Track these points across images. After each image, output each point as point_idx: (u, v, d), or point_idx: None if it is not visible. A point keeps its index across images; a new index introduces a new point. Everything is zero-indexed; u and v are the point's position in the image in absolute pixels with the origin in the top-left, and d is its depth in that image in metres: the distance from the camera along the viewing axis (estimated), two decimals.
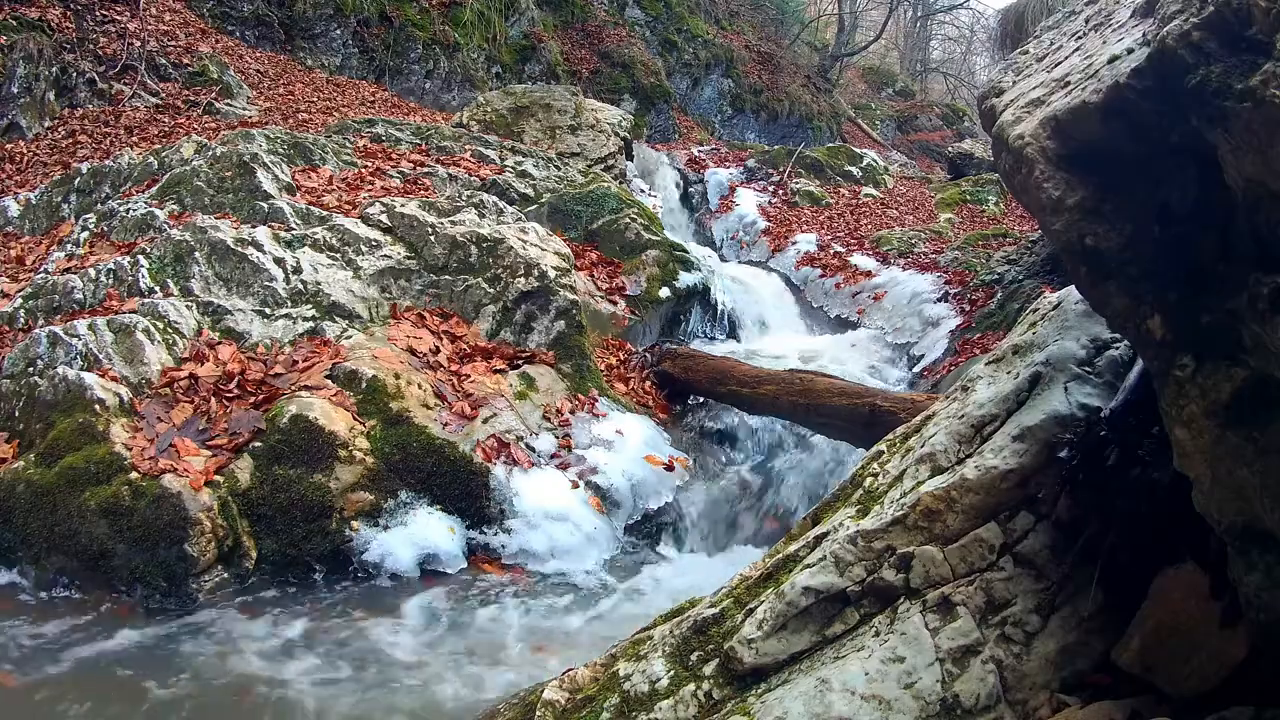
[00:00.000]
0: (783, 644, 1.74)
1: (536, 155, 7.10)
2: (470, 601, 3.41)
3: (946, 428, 1.94)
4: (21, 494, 3.43)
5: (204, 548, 3.29)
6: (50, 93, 7.15)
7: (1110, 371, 1.88)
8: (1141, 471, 1.61)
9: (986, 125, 1.77)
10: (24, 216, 5.65)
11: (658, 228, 6.44)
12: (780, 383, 4.30)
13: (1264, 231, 1.15)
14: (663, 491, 4.17)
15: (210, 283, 4.36)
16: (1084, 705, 1.50)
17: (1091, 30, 1.69)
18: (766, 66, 16.42)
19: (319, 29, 10.35)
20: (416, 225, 4.86)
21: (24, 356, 3.87)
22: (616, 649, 2.03)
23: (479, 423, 4.00)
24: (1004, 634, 1.62)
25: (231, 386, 3.83)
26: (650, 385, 5.00)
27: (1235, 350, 1.24)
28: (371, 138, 6.67)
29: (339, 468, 3.61)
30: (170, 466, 3.42)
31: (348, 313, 4.41)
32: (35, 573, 3.36)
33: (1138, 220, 1.37)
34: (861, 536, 1.80)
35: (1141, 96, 1.27)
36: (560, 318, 4.68)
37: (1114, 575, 1.60)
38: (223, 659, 2.99)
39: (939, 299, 6.66)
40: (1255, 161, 1.09)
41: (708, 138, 13.99)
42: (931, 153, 18.57)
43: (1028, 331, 2.14)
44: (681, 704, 1.74)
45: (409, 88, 10.74)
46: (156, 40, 8.30)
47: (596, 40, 13.31)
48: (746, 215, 9.63)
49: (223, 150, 5.29)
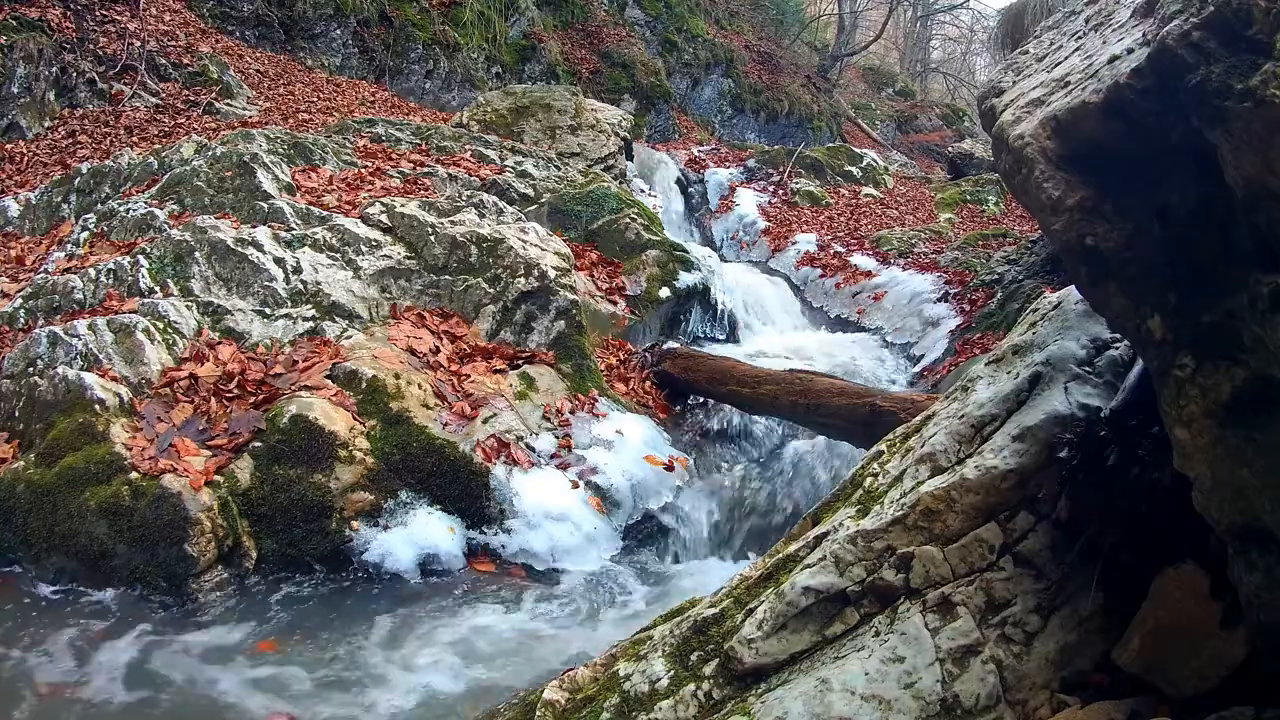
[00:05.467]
0: (783, 644, 1.74)
1: (536, 155, 7.10)
2: (470, 601, 3.41)
3: (946, 428, 1.94)
4: (21, 494, 3.43)
5: (204, 548, 3.29)
6: (50, 93, 7.15)
7: (1110, 371, 1.88)
8: (1141, 471, 1.61)
9: (986, 125, 1.77)
10: (24, 216, 5.65)
11: (658, 228, 6.43)
12: (780, 383, 4.30)
13: (1264, 231, 1.14)
14: (663, 491, 4.17)
15: (210, 283, 4.36)
16: (1084, 705, 1.50)
17: (1091, 30, 1.69)
18: (766, 66, 16.42)
19: (319, 29, 10.35)
20: (416, 225, 4.86)
21: (24, 356, 3.87)
22: (616, 649, 2.03)
23: (479, 423, 4.00)
24: (1004, 634, 1.62)
25: (231, 386, 3.83)
26: (650, 385, 5.00)
27: (1235, 350, 1.24)
28: (371, 138, 6.67)
29: (339, 468, 3.61)
30: (170, 466, 3.42)
31: (348, 313, 4.41)
32: (35, 572, 3.36)
33: (1138, 220, 1.37)
34: (861, 536, 1.80)
35: (1141, 96, 1.27)
36: (560, 318, 4.68)
37: (1114, 575, 1.60)
38: (222, 659, 2.99)
39: (939, 299, 6.66)
40: (1255, 161, 1.08)
41: (708, 138, 13.99)
42: (931, 153, 18.56)
43: (1028, 331, 2.14)
44: (681, 704, 1.74)
45: (409, 88, 10.74)
46: (156, 40, 8.30)
47: (596, 40, 13.31)
48: (746, 215, 9.64)
49: (223, 150, 5.29)
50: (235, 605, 3.30)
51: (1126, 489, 1.62)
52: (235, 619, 3.23)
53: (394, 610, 3.33)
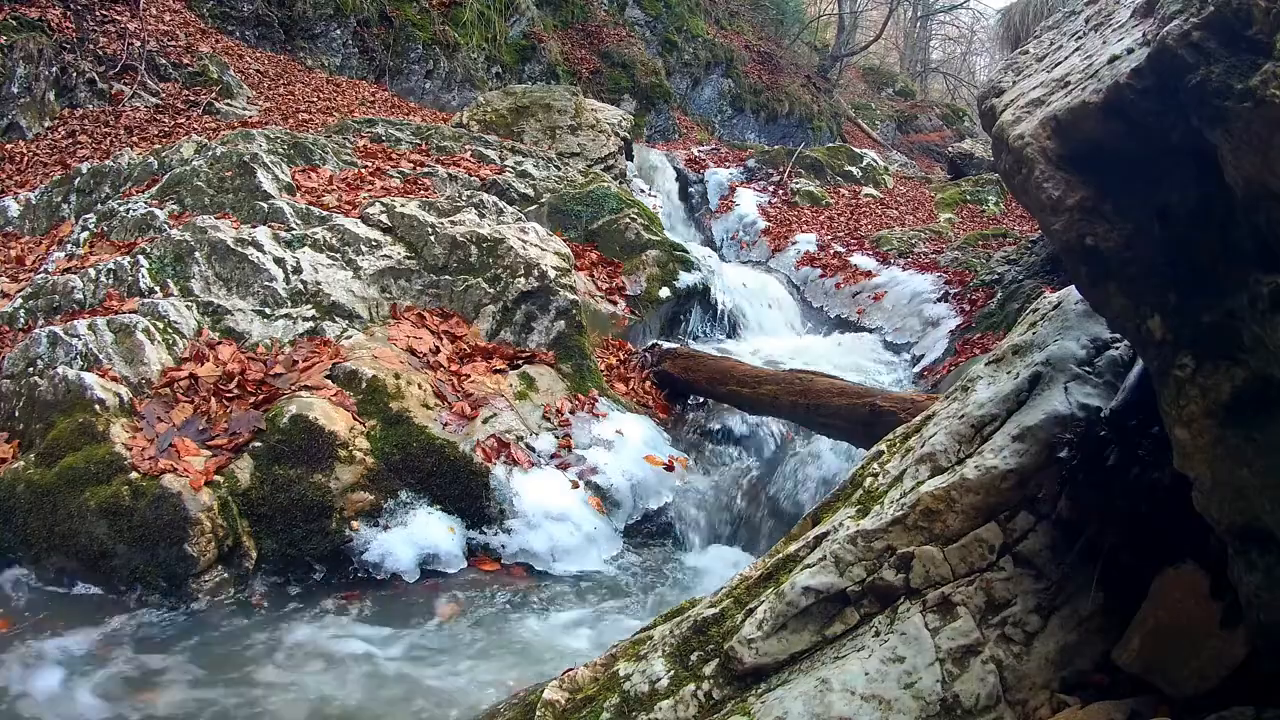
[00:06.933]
0: (783, 644, 1.74)
1: (536, 155, 7.10)
2: (470, 601, 3.41)
3: (946, 428, 1.94)
4: (21, 494, 3.43)
5: (204, 548, 3.29)
6: (50, 93, 7.15)
7: (1110, 371, 1.87)
8: (1141, 471, 1.61)
9: (986, 125, 1.77)
10: (24, 216, 5.65)
11: (658, 228, 6.43)
12: (780, 383, 4.30)
13: (1264, 231, 1.14)
14: (663, 491, 4.17)
15: (210, 283, 4.36)
16: (1084, 705, 1.50)
17: (1091, 30, 1.69)
18: (766, 66, 16.42)
19: (319, 29, 10.35)
20: (416, 225, 4.86)
21: (24, 356, 3.87)
22: (616, 649, 2.02)
23: (479, 423, 4.00)
24: (1004, 634, 1.62)
25: (231, 386, 3.83)
26: (650, 385, 5.00)
27: (1235, 350, 1.24)
28: (371, 138, 6.67)
29: (339, 468, 3.61)
30: (170, 466, 3.42)
31: (348, 313, 4.41)
32: (35, 572, 3.36)
33: (1138, 220, 1.36)
34: (861, 536, 1.80)
35: (1141, 96, 1.27)
36: (560, 318, 4.68)
37: (1114, 575, 1.60)
38: (222, 659, 2.98)
39: (939, 299, 6.66)
40: (1255, 161, 1.08)
41: (708, 138, 13.99)
42: (931, 153, 18.56)
43: (1028, 331, 2.14)
44: (681, 704, 1.74)
45: (409, 88, 10.74)
46: (156, 40, 8.30)
47: (596, 40, 13.31)
48: (746, 215, 9.63)
49: (223, 150, 5.29)
50: (235, 605, 3.30)
51: (1126, 489, 1.62)
52: (235, 619, 3.23)
53: (394, 610, 3.33)
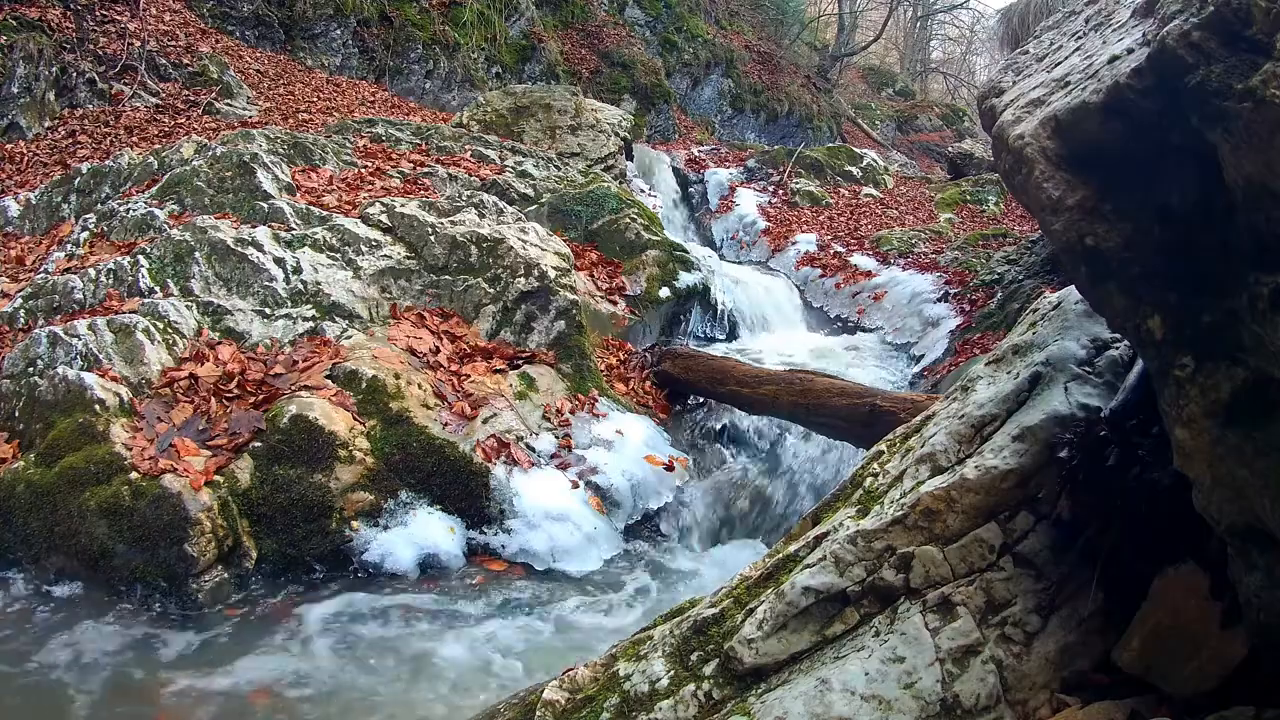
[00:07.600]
0: (783, 644, 1.74)
1: (536, 155, 7.10)
2: (470, 602, 3.41)
3: (946, 428, 1.94)
4: (21, 494, 3.43)
5: (204, 548, 3.29)
6: (50, 93, 7.15)
7: (1110, 371, 1.87)
8: (1141, 471, 1.61)
9: (986, 125, 1.77)
10: (24, 216, 5.65)
11: (658, 228, 6.43)
12: (780, 383, 4.30)
13: (1264, 231, 1.14)
14: (663, 491, 4.17)
15: (210, 283, 4.36)
16: (1084, 705, 1.49)
17: (1091, 30, 1.69)
18: (766, 66, 16.42)
19: (319, 29, 10.35)
20: (416, 225, 4.86)
21: (24, 356, 3.87)
22: (616, 649, 2.02)
23: (479, 423, 4.00)
24: (1004, 634, 1.62)
25: (231, 386, 3.83)
26: (650, 385, 5.00)
27: (1235, 350, 1.24)
28: (371, 138, 6.67)
29: (339, 468, 3.61)
30: (170, 466, 3.42)
31: (348, 313, 4.41)
32: (35, 572, 3.36)
33: (1138, 220, 1.36)
34: (861, 536, 1.79)
35: (1141, 96, 1.27)
36: (560, 318, 4.68)
37: (1114, 575, 1.60)
38: (222, 659, 2.99)
39: (939, 299, 6.66)
40: (1255, 161, 1.08)
41: (708, 137, 13.99)
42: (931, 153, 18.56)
43: (1028, 331, 2.14)
44: (681, 704, 1.74)
45: (409, 88, 10.74)
46: (156, 40, 8.30)
47: (596, 40, 13.32)
48: (746, 215, 9.64)
49: (223, 150, 5.29)
50: (235, 605, 3.31)
51: (1126, 489, 1.62)
52: (235, 619, 3.23)
53: (394, 611, 3.33)
